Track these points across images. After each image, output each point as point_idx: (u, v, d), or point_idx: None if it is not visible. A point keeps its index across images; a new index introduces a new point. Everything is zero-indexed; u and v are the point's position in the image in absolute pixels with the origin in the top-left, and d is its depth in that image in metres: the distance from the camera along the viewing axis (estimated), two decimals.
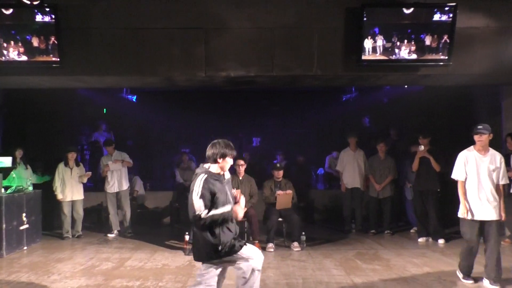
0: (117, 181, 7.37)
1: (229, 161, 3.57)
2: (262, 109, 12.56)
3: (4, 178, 6.49)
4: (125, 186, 7.51)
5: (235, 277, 3.61)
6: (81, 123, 10.33)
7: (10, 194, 6.11)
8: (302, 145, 12.77)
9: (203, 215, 3.28)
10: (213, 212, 3.33)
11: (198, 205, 3.29)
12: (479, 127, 4.54)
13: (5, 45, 5.90)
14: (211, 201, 3.35)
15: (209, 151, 3.56)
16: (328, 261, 5.55)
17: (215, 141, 3.58)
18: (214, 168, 3.53)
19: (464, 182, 4.59)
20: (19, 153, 7.13)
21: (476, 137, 4.56)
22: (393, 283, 4.62)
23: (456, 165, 4.68)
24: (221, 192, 3.43)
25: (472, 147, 4.65)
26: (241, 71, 6.26)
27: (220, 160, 3.51)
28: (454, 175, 4.69)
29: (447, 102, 8.81)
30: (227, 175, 3.72)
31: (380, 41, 5.93)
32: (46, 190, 7.09)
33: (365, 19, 5.85)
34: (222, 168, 3.56)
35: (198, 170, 3.58)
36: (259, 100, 12.24)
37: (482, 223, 4.50)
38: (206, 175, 3.42)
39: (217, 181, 3.45)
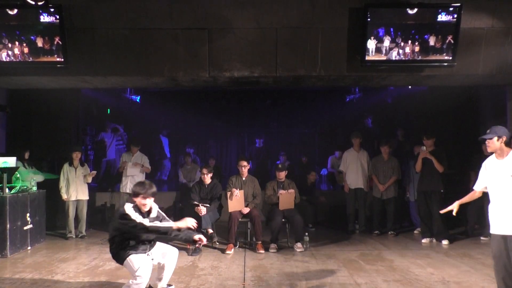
0: (130, 182, 7.38)
1: (141, 201, 3.90)
2: (266, 110, 12.55)
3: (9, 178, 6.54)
4: None
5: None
6: (86, 123, 10.37)
7: (14, 194, 6.13)
8: (305, 145, 12.76)
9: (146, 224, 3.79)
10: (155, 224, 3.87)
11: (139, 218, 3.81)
12: (487, 131, 3.85)
13: (9, 45, 5.94)
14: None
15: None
16: (332, 262, 5.54)
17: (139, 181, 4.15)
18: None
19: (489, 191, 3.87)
20: (27, 155, 7.25)
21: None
22: (396, 284, 4.60)
23: None
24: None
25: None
26: (245, 71, 6.27)
27: (134, 198, 3.92)
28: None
29: (451, 103, 8.78)
30: (154, 211, 4.07)
31: (386, 42, 5.93)
32: (50, 190, 7.11)
33: (368, 19, 5.85)
34: (140, 205, 3.93)
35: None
36: (262, 101, 12.24)
37: (506, 239, 3.70)
38: (132, 205, 3.92)
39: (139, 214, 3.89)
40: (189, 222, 3.90)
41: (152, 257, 4.08)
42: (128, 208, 3.88)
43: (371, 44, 5.95)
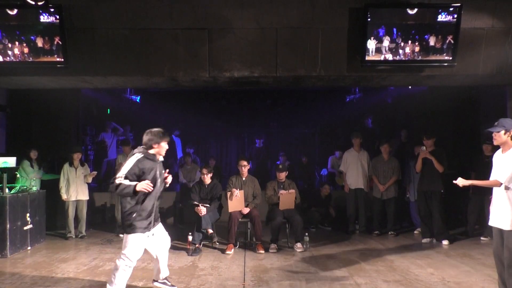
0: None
1: (165, 146, 4.10)
2: (266, 110, 12.56)
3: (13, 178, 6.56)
4: None
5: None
6: (86, 123, 10.38)
7: (14, 194, 6.13)
8: (305, 145, 12.76)
9: (117, 181, 3.81)
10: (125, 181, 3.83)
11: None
12: (495, 124, 3.82)
13: (9, 45, 5.93)
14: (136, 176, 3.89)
15: (145, 138, 4.05)
16: (332, 262, 5.54)
17: (149, 130, 4.08)
18: (152, 151, 4.05)
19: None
20: (33, 154, 7.28)
21: None
22: (396, 284, 4.60)
23: None
24: (149, 171, 3.96)
25: None
26: (245, 71, 6.27)
27: (155, 146, 4.01)
28: None
29: (451, 103, 8.78)
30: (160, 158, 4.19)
31: (386, 42, 5.93)
32: (50, 190, 7.11)
33: (369, 19, 5.85)
34: (158, 153, 4.07)
35: (136, 150, 4.04)
36: (262, 101, 12.24)
37: (501, 233, 3.72)
38: (142, 155, 3.96)
39: (151, 161, 3.99)
40: (145, 185, 3.86)
41: (152, 233, 4.18)
42: (131, 161, 3.90)
43: (371, 44, 5.95)
